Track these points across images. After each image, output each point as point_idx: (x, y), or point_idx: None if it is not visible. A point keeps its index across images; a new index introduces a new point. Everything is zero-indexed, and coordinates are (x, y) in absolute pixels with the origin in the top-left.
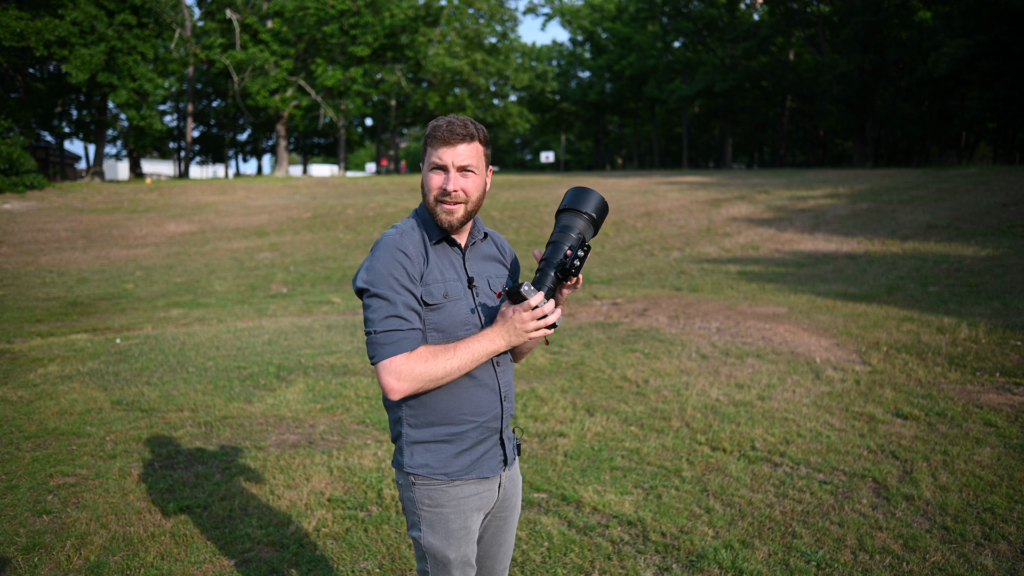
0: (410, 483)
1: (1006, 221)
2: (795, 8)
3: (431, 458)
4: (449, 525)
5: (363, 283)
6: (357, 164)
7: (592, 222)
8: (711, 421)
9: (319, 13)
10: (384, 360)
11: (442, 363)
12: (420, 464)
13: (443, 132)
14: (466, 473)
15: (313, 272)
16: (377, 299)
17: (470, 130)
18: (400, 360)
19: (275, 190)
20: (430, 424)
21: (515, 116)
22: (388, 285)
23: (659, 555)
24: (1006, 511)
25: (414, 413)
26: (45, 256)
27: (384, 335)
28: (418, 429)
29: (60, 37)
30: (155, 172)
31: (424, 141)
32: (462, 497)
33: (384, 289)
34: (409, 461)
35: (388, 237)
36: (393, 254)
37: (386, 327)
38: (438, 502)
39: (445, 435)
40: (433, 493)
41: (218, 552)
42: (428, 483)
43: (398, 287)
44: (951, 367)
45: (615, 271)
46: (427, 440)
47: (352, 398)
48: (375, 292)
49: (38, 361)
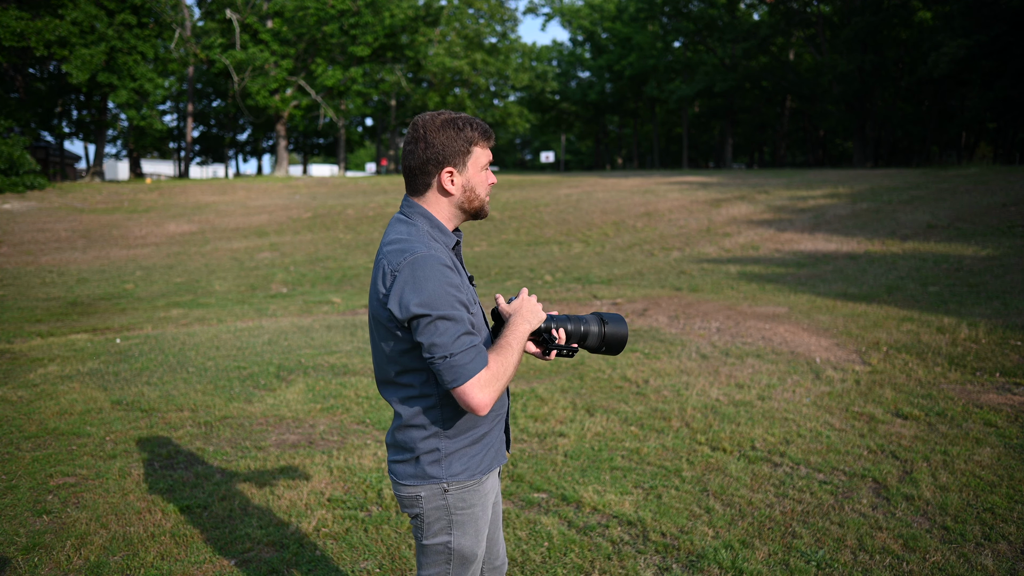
0: (442, 491)
1: (1006, 221)
2: (795, 8)
3: (468, 462)
4: (478, 522)
5: (419, 308)
6: (357, 164)
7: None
8: (711, 421)
9: (319, 13)
10: (471, 379)
11: (508, 364)
12: (458, 471)
13: (486, 129)
14: (491, 467)
15: (313, 272)
16: (443, 321)
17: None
18: (484, 375)
19: (275, 190)
20: (465, 431)
21: (515, 116)
22: (449, 304)
23: (659, 555)
24: (1006, 511)
25: (451, 426)
26: (45, 256)
27: (463, 355)
28: (454, 439)
29: (60, 37)
30: (155, 172)
31: (468, 140)
32: (486, 492)
33: (447, 309)
34: (447, 472)
35: (423, 257)
36: (442, 272)
37: (462, 347)
38: (470, 503)
39: (476, 437)
40: (466, 495)
41: (218, 552)
42: (462, 487)
43: (457, 304)
44: (951, 367)
45: (615, 271)
46: (463, 447)
47: (352, 398)
48: (440, 315)
49: (38, 361)
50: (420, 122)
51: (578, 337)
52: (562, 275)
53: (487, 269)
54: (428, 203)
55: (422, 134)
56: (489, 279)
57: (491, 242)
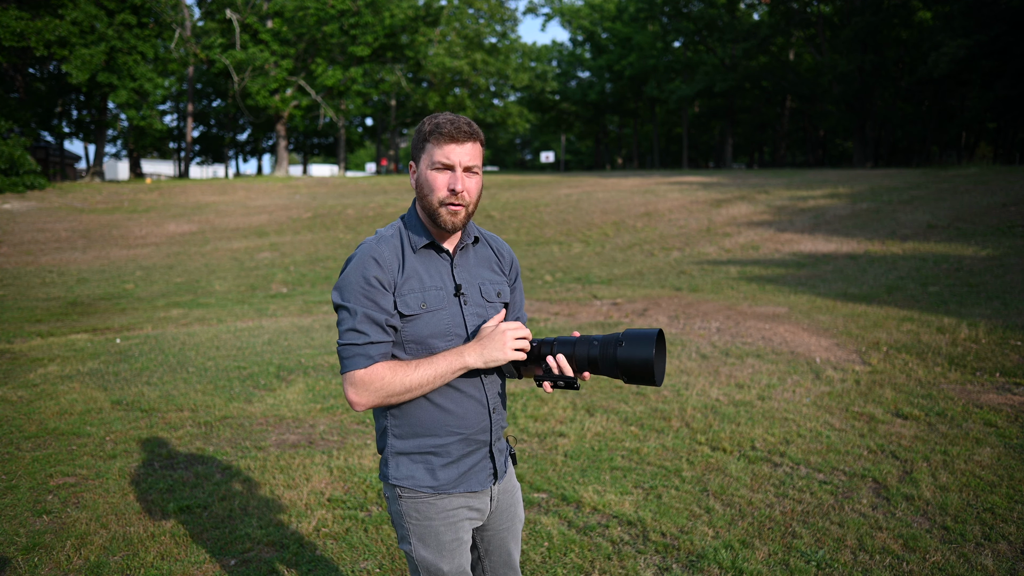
0: (396, 495)
1: (1006, 221)
2: (795, 8)
3: (416, 470)
4: (440, 538)
5: (335, 296)
6: (357, 164)
7: (616, 366)
8: (711, 421)
9: (319, 13)
10: (346, 374)
11: (400, 378)
12: (405, 476)
13: (450, 129)
14: (453, 487)
15: (313, 272)
16: (343, 311)
17: (474, 129)
18: (359, 375)
19: (275, 190)
20: (415, 435)
21: (515, 116)
22: (354, 297)
23: (659, 555)
24: (1006, 511)
25: (398, 423)
26: (45, 256)
27: (345, 348)
28: (403, 440)
29: (60, 37)
30: (155, 172)
31: (423, 137)
32: (451, 509)
33: (350, 301)
34: (395, 472)
35: (364, 245)
36: (365, 264)
37: (347, 340)
38: (426, 515)
39: (430, 447)
40: (420, 506)
41: (218, 552)
42: (415, 496)
43: (363, 299)
44: (951, 367)
45: (615, 271)
46: (411, 451)
47: None
48: (341, 304)
49: (38, 361)
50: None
51: (583, 363)
52: (562, 275)
53: None
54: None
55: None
56: None
57: None
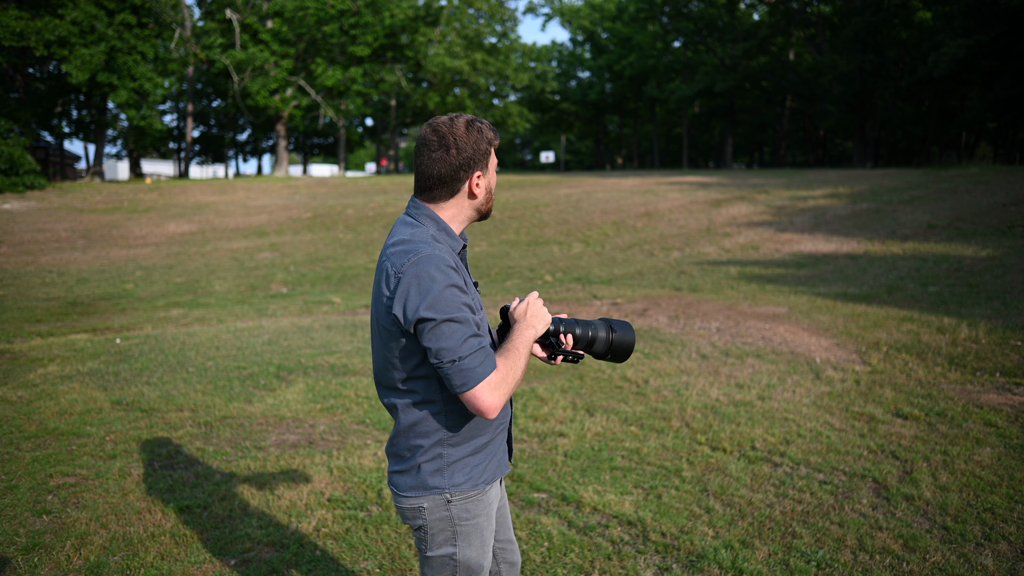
0: (445, 503)
1: (1006, 221)
2: (795, 8)
3: (470, 472)
4: (483, 532)
5: (425, 312)
6: (357, 164)
7: (609, 348)
8: (711, 421)
9: (319, 13)
10: (481, 382)
11: (516, 368)
12: (461, 481)
13: (495, 128)
14: (494, 476)
15: (313, 272)
16: (450, 324)
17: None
18: (494, 378)
19: (275, 190)
20: (468, 440)
21: (515, 116)
22: (454, 307)
23: (659, 555)
24: (1006, 511)
25: (455, 433)
26: (45, 256)
27: (471, 358)
28: (457, 447)
29: (60, 37)
30: (155, 172)
31: (489, 143)
32: (490, 502)
33: (452, 312)
34: (449, 482)
35: (426, 257)
36: (446, 273)
37: (470, 349)
38: (474, 513)
39: (479, 446)
40: (469, 506)
41: (218, 552)
42: (465, 498)
43: (462, 306)
44: (951, 367)
45: (615, 271)
46: (465, 456)
47: (352, 398)
48: (446, 318)
49: (38, 361)
50: (443, 128)
51: (585, 342)
52: (562, 275)
53: (487, 269)
54: (445, 207)
55: (451, 140)
56: (489, 279)
57: (491, 242)
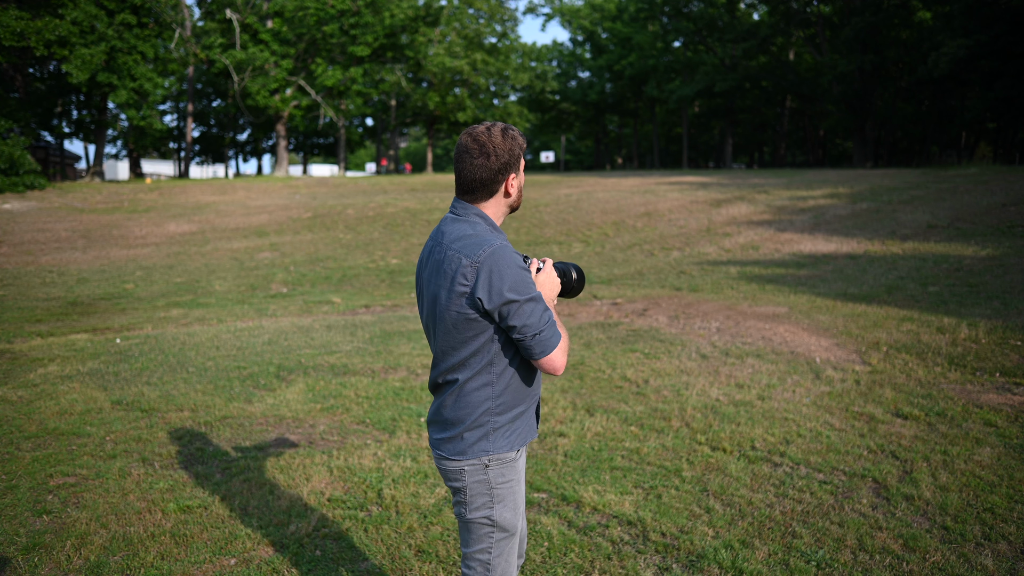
0: (484, 466)
1: (1006, 221)
2: (795, 8)
3: (511, 438)
4: (516, 495)
5: (511, 294)
6: (357, 164)
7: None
8: (711, 421)
9: (319, 13)
10: (556, 348)
11: (565, 331)
12: (502, 446)
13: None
14: (524, 441)
15: (313, 272)
16: (531, 303)
17: None
18: (564, 343)
19: (275, 190)
20: (511, 407)
21: (515, 116)
22: (531, 288)
23: (659, 555)
24: (1006, 511)
25: (503, 401)
26: (45, 256)
27: (548, 329)
28: (502, 415)
29: (60, 37)
30: (155, 172)
31: (521, 148)
32: (520, 466)
33: (531, 292)
34: (493, 445)
35: (500, 248)
36: (517, 259)
37: (547, 321)
38: (508, 476)
39: (519, 413)
40: (505, 470)
41: (218, 552)
42: (502, 461)
43: (534, 287)
44: (951, 367)
45: (615, 271)
46: (508, 422)
47: (352, 398)
48: (527, 298)
49: (38, 361)
50: (482, 137)
51: (567, 283)
52: None
53: None
54: (486, 205)
55: (491, 148)
56: None
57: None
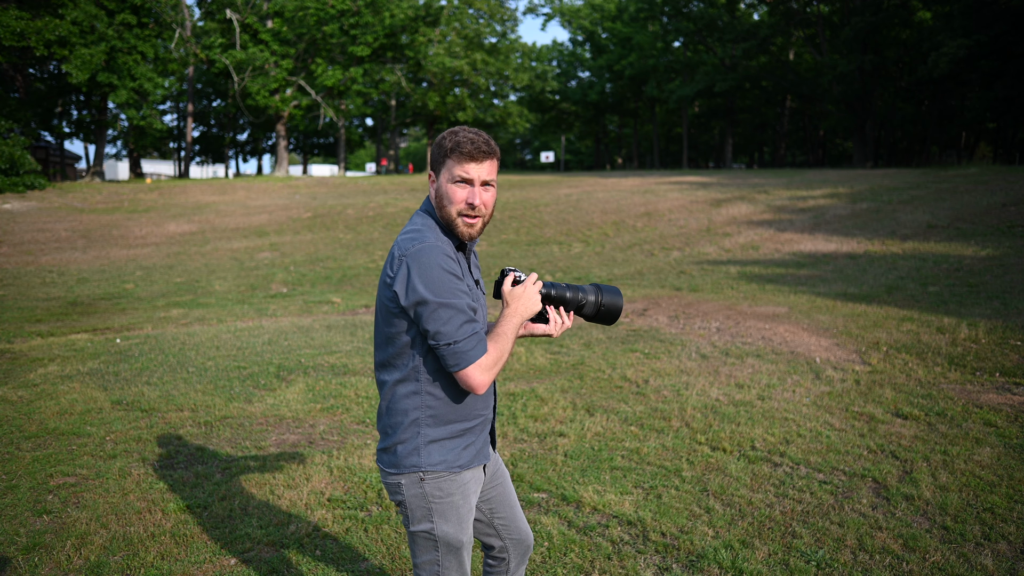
0: (419, 480)
1: (1006, 221)
2: (795, 8)
3: (446, 454)
4: (459, 510)
5: (425, 294)
6: (357, 164)
7: (598, 311)
8: (711, 421)
9: (319, 13)
10: (473, 364)
11: (504, 351)
12: (437, 461)
13: (470, 149)
14: (471, 464)
15: (313, 272)
16: (445, 308)
17: (492, 147)
18: (484, 360)
19: (275, 190)
20: (448, 422)
21: (515, 116)
22: (451, 292)
23: (659, 555)
24: (1006, 511)
25: (434, 413)
26: (45, 256)
27: (466, 342)
28: (436, 428)
29: (60, 37)
30: (155, 172)
31: (444, 152)
32: (465, 483)
33: (449, 297)
34: (426, 460)
35: (429, 246)
36: (444, 262)
37: (466, 333)
38: (447, 491)
39: (459, 431)
40: (442, 484)
41: (218, 552)
42: (438, 476)
43: (458, 292)
44: (951, 367)
45: (615, 271)
46: (443, 438)
47: (352, 398)
48: (441, 302)
49: (38, 361)
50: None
51: (575, 305)
52: (562, 275)
53: (487, 269)
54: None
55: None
56: (490, 279)
57: (491, 242)
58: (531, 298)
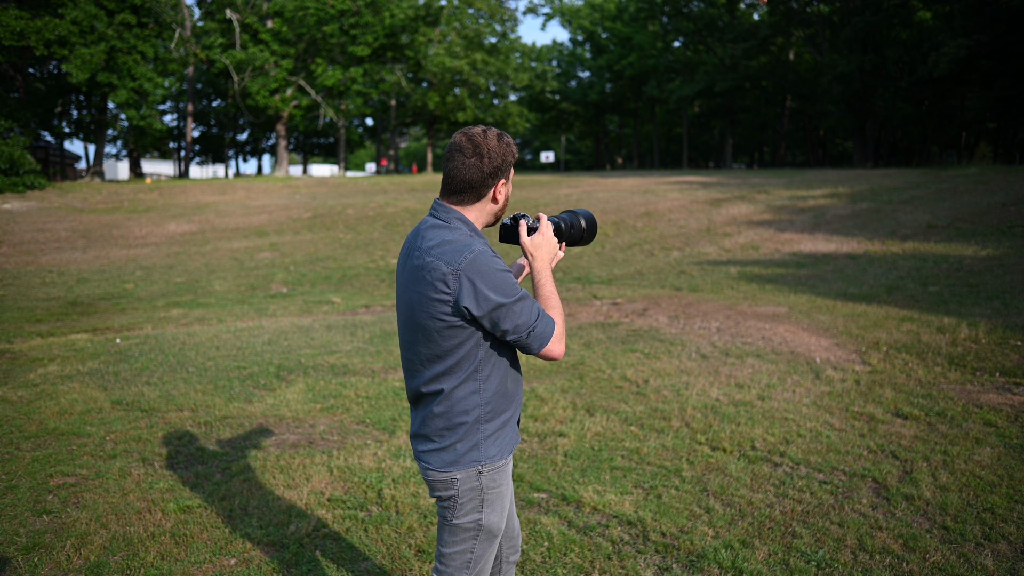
0: (476, 473)
1: (1006, 221)
2: (795, 8)
3: (500, 444)
4: (505, 499)
5: (499, 299)
6: (357, 164)
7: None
8: (711, 421)
9: (319, 13)
10: (552, 338)
11: (560, 309)
12: (496, 452)
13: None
14: (512, 447)
15: (313, 272)
16: (519, 303)
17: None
18: (558, 330)
19: (275, 190)
20: (500, 414)
21: (515, 116)
22: (514, 287)
23: (659, 555)
24: (1006, 511)
25: (491, 408)
26: (45, 256)
27: (539, 322)
28: (491, 422)
29: (60, 37)
30: (155, 172)
31: (512, 157)
32: (509, 470)
33: (516, 292)
34: (486, 453)
35: (479, 253)
36: (497, 263)
37: (535, 315)
38: (499, 481)
39: (506, 419)
40: (496, 475)
41: (218, 552)
42: (493, 468)
43: (517, 283)
44: (951, 367)
45: (615, 271)
46: (497, 429)
47: (352, 398)
48: (515, 299)
49: (38, 361)
50: (477, 138)
51: (578, 233)
52: (562, 275)
53: None
54: (471, 210)
55: (485, 149)
56: None
57: (491, 242)
58: (552, 243)
